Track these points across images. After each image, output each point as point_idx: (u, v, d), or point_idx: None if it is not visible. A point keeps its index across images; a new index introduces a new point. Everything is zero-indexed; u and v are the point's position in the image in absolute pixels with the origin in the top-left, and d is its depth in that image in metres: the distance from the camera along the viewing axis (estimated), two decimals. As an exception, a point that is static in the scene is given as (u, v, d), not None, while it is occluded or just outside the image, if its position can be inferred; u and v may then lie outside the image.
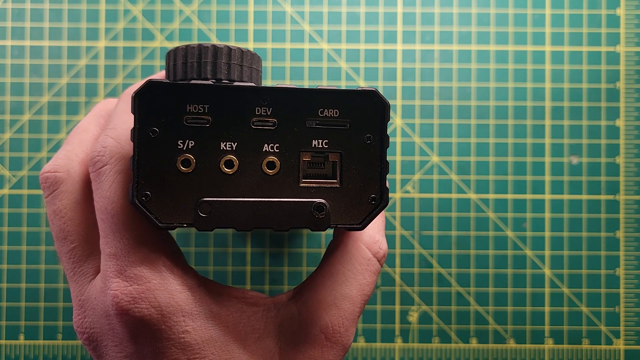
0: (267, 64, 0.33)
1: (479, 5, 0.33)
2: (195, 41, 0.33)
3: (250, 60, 0.20)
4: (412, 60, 0.33)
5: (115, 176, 0.18)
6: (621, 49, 0.33)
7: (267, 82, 0.33)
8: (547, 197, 0.32)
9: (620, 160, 0.33)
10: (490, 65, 0.33)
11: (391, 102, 0.33)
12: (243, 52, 0.19)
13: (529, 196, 0.32)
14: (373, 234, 0.22)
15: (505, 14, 0.33)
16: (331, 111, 0.18)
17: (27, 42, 0.33)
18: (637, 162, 0.33)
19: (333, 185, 0.18)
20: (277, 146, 0.18)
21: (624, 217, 0.32)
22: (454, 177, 0.32)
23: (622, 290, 0.32)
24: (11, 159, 0.32)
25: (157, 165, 0.17)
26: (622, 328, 0.32)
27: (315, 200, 0.18)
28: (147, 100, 0.17)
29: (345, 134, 0.18)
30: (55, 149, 0.32)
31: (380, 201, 0.18)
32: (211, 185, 0.17)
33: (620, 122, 0.33)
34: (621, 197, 0.33)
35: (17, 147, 0.32)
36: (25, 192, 0.32)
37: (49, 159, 0.32)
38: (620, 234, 0.32)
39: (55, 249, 0.26)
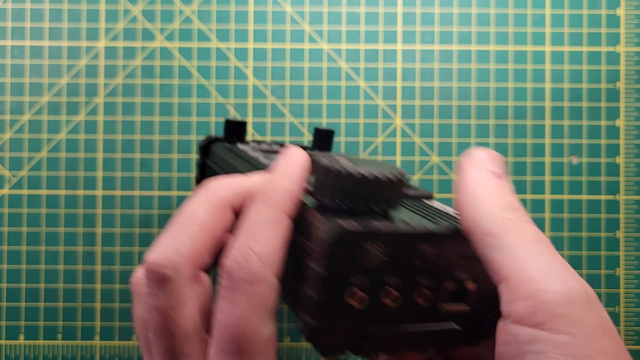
0: (267, 64, 0.33)
1: (479, 5, 0.33)
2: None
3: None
4: (412, 60, 0.33)
5: (253, 298, 0.17)
6: (621, 49, 0.33)
7: (267, 81, 0.33)
8: (547, 197, 0.32)
9: (620, 160, 0.33)
10: (490, 65, 0.33)
11: (391, 102, 0.33)
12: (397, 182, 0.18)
13: (529, 196, 0.32)
14: None
15: (505, 14, 0.33)
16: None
17: (27, 42, 0.33)
18: (637, 162, 0.33)
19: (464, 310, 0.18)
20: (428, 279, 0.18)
21: (624, 217, 0.32)
22: (454, 177, 0.32)
23: (622, 290, 0.32)
24: (11, 159, 0.32)
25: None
26: (622, 328, 0.32)
27: (450, 327, 0.18)
28: (342, 252, 0.16)
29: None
30: (55, 149, 0.32)
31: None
32: (373, 317, 0.17)
33: (620, 122, 0.33)
34: (621, 197, 0.33)
35: (17, 147, 0.32)
36: (25, 192, 0.32)
37: (49, 159, 0.32)
38: (620, 234, 0.32)
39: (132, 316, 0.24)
